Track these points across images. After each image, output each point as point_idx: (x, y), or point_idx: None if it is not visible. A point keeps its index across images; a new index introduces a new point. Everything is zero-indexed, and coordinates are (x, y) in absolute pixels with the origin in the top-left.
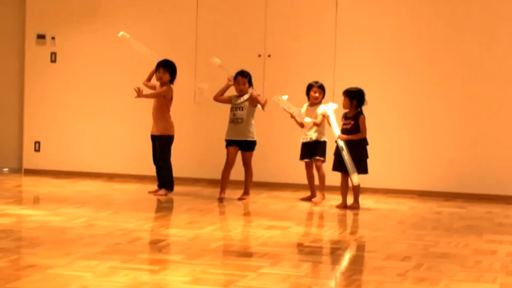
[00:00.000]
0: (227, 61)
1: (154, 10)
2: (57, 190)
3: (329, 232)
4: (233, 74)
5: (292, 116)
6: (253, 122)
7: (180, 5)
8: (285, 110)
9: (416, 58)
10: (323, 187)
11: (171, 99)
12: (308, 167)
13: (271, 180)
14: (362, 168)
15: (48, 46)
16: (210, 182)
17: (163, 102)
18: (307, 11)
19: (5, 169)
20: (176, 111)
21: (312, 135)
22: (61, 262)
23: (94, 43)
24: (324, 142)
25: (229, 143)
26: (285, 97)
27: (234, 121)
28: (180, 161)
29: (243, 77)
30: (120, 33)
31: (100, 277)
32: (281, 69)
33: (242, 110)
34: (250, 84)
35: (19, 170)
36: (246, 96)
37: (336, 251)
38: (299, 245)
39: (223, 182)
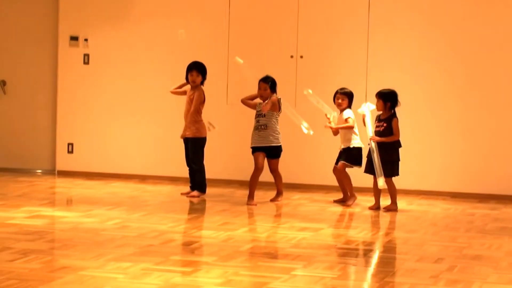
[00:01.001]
0: (259, 62)
1: (186, 11)
2: (90, 191)
3: (362, 234)
4: (258, 76)
5: (326, 117)
6: (276, 127)
7: (213, 7)
8: (315, 104)
9: (449, 58)
10: (350, 189)
11: (204, 101)
12: (336, 171)
13: (303, 181)
14: (394, 170)
15: (81, 48)
16: (243, 184)
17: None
18: (340, 12)
19: (39, 171)
20: (208, 113)
21: (341, 145)
22: (94, 263)
23: (127, 45)
24: (355, 149)
25: (255, 149)
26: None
27: (257, 128)
28: (213, 163)
29: (264, 83)
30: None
31: (133, 279)
32: (314, 71)
33: (265, 116)
34: (273, 90)
35: (52, 171)
36: (264, 103)
37: (368, 253)
38: (332, 247)
39: (252, 188)
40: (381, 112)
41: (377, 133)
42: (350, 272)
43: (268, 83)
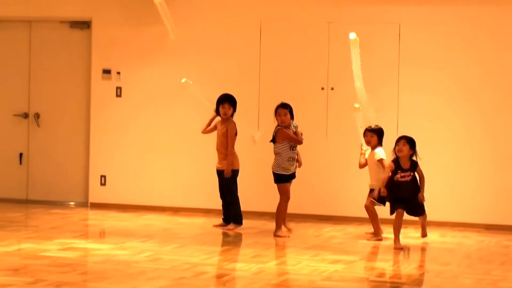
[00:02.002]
0: (290, 94)
1: (218, 44)
2: (122, 223)
3: (394, 267)
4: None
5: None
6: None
7: (244, 40)
8: (357, 124)
9: (481, 90)
10: (376, 224)
11: (236, 134)
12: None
13: (336, 213)
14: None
15: (114, 81)
16: (274, 216)
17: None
18: (370, 44)
19: (72, 203)
20: (240, 145)
21: (372, 183)
22: None
23: (159, 78)
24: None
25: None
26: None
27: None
28: (245, 195)
29: (284, 109)
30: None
31: None
32: (344, 102)
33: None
34: (292, 116)
35: (85, 204)
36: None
37: (401, 286)
38: (364, 279)
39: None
40: (400, 157)
41: (405, 184)
42: None
43: (288, 109)
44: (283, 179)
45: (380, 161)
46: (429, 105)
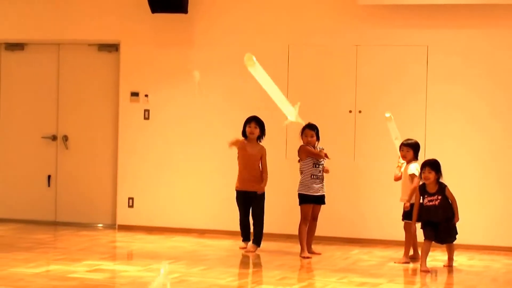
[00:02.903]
0: (318, 117)
1: (245, 69)
2: (150, 245)
3: None
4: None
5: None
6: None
7: (272, 63)
8: (391, 134)
9: (509, 110)
10: (406, 249)
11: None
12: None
13: (363, 236)
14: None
15: (142, 104)
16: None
17: (260, 161)
18: (398, 67)
19: (100, 225)
20: (268, 167)
21: (402, 199)
22: None
23: (186, 101)
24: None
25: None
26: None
27: (319, 177)
28: (272, 217)
29: (311, 130)
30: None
31: None
32: (372, 125)
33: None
34: (318, 137)
35: (113, 226)
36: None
37: None
38: None
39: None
40: (427, 183)
41: (433, 208)
42: None
43: (315, 130)
44: (304, 199)
45: (412, 176)
46: (457, 126)
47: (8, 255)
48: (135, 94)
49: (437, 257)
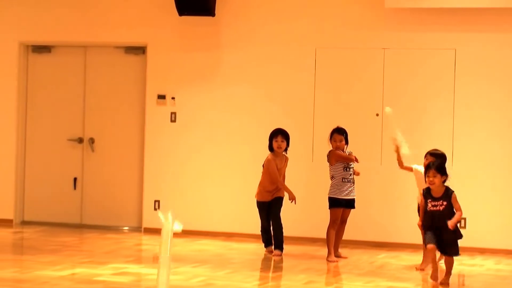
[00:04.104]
0: (345, 120)
1: (272, 70)
2: (175, 248)
3: None
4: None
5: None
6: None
7: (298, 67)
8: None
9: None
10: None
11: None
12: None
13: (390, 240)
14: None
15: (168, 106)
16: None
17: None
18: (426, 71)
19: (125, 228)
20: (293, 171)
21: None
22: None
23: (213, 104)
24: None
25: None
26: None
27: (350, 180)
28: (298, 220)
29: (340, 134)
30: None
31: None
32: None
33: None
34: (347, 141)
35: (138, 228)
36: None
37: None
38: None
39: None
40: (431, 186)
41: (437, 213)
42: None
43: (343, 135)
44: (334, 203)
45: None
46: (485, 130)
47: (34, 257)
48: (161, 97)
49: (464, 261)
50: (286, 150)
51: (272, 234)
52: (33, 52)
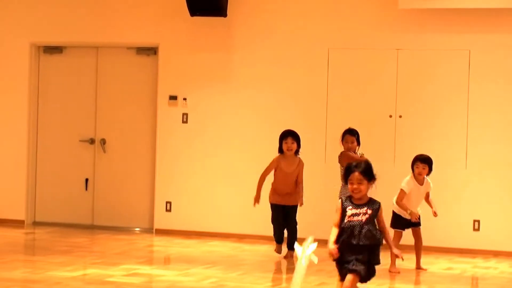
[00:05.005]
0: (358, 121)
1: (285, 71)
2: (187, 250)
3: None
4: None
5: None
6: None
7: (311, 68)
8: None
9: None
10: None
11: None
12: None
13: (402, 242)
14: None
15: (180, 107)
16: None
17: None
18: (439, 72)
19: (137, 229)
20: (306, 172)
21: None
22: None
23: (225, 105)
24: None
25: None
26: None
27: None
28: (310, 222)
29: (351, 135)
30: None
31: None
32: (412, 130)
33: None
34: (358, 142)
35: (150, 230)
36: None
37: None
38: None
39: None
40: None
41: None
42: None
43: (355, 136)
44: None
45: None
46: (499, 130)
47: (45, 258)
48: (173, 98)
49: (478, 264)
50: (297, 152)
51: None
52: (44, 53)
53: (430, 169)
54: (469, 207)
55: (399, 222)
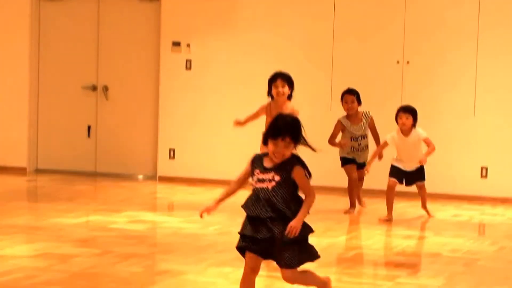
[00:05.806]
0: (365, 68)
1: (290, 17)
2: (191, 197)
3: (469, 243)
4: None
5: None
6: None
7: (317, 13)
8: None
9: None
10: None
11: None
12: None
13: (408, 189)
14: None
15: (183, 54)
16: (347, 191)
17: None
18: (448, 17)
19: (140, 176)
20: (310, 120)
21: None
22: (195, 268)
23: (229, 51)
24: None
25: (349, 161)
26: None
27: (359, 149)
28: (317, 170)
29: (350, 95)
30: None
31: (234, 284)
32: (420, 76)
33: (366, 138)
34: (359, 102)
35: (153, 177)
36: (365, 122)
37: (475, 262)
38: (437, 255)
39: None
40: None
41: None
42: (455, 281)
43: (355, 95)
44: (344, 161)
45: (427, 141)
46: (507, 80)
47: (49, 205)
48: (176, 44)
49: (486, 210)
50: (290, 97)
51: None
52: (45, 0)
53: (415, 119)
54: (477, 155)
55: (396, 171)
